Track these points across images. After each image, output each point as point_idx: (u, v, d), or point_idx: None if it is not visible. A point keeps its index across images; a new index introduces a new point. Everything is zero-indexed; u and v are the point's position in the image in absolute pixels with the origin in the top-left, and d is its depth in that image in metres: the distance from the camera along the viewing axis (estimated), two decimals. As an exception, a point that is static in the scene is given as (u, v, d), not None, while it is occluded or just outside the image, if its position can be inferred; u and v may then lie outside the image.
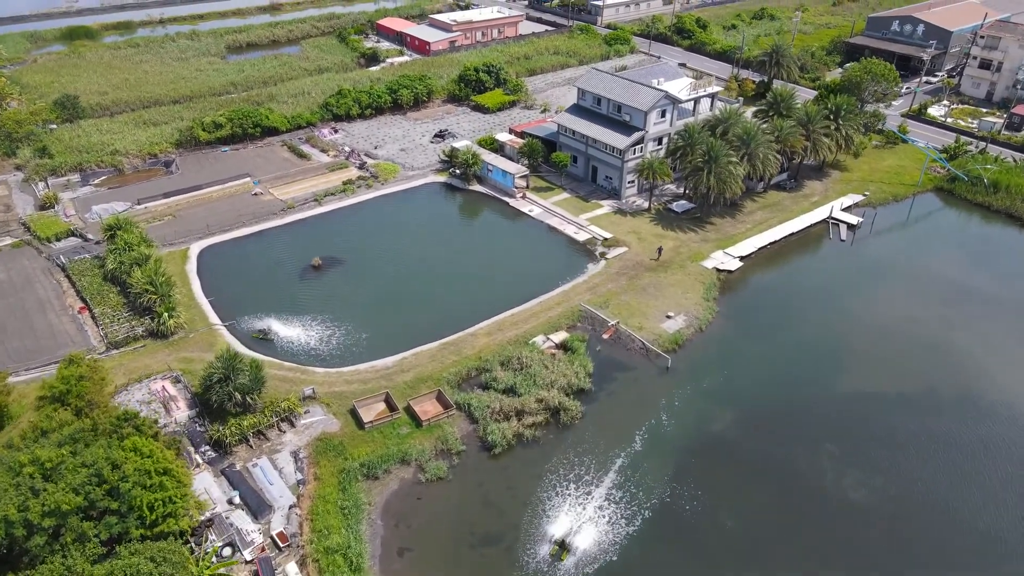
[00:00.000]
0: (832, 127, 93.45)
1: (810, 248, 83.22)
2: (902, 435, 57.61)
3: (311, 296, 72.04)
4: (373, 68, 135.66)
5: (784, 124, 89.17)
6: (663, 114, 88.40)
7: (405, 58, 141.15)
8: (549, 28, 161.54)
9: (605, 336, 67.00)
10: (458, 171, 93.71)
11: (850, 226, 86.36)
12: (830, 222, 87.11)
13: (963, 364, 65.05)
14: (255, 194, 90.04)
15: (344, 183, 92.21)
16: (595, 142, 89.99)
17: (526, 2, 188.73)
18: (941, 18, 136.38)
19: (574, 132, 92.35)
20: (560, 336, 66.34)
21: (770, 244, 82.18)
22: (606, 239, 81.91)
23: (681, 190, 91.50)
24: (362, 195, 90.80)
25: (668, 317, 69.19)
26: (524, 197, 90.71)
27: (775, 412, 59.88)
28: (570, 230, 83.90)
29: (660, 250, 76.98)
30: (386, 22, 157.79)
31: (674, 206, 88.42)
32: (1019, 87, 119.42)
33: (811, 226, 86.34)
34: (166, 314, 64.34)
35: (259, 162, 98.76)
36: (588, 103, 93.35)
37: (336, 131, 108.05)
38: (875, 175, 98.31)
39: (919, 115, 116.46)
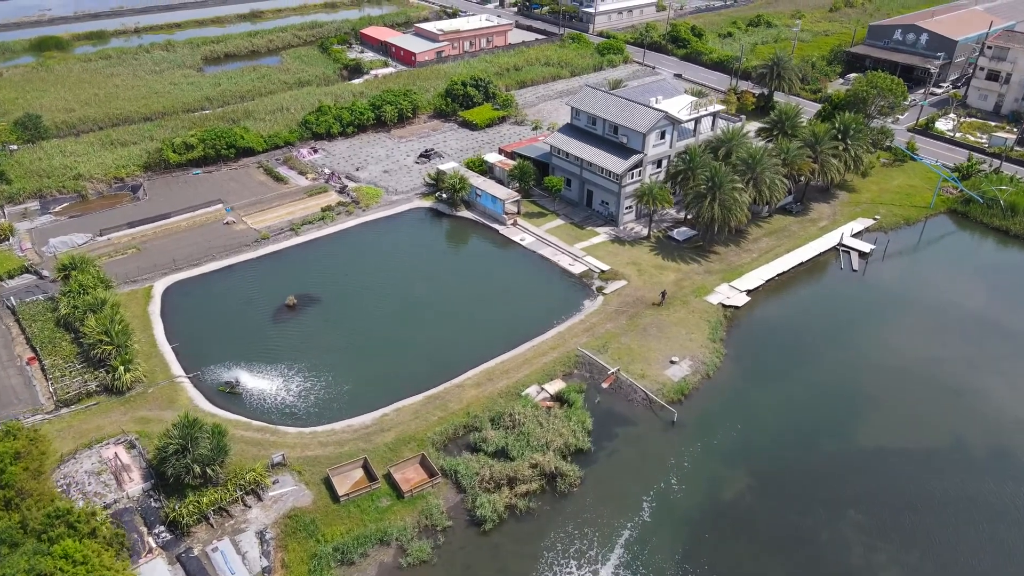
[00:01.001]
0: (840, 147, 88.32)
1: (820, 279, 77.99)
2: (935, 499, 52.36)
3: (284, 341, 66.22)
4: (356, 81, 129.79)
5: (790, 146, 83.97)
6: (662, 135, 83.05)
7: (390, 69, 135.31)
8: (540, 37, 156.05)
9: (605, 385, 61.50)
10: (444, 195, 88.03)
11: (862, 254, 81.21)
12: (840, 250, 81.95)
13: (994, 413, 59.92)
14: (227, 223, 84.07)
15: (323, 210, 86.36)
16: (590, 165, 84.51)
17: (515, 8, 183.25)
18: (945, 27, 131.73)
19: (567, 154, 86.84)
20: (556, 386, 60.80)
21: (778, 275, 76.93)
22: (603, 272, 76.46)
23: (682, 215, 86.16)
24: (342, 222, 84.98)
25: (672, 362, 63.75)
26: (515, 224, 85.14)
27: (792, 472, 54.53)
28: (565, 261, 78.38)
29: (664, 294, 70.95)
30: (370, 31, 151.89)
31: (675, 234, 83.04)
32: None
33: (820, 254, 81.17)
34: (122, 368, 58.36)
35: (233, 186, 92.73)
36: (582, 123, 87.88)
37: (316, 151, 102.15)
38: (884, 196, 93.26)
39: (926, 130, 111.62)
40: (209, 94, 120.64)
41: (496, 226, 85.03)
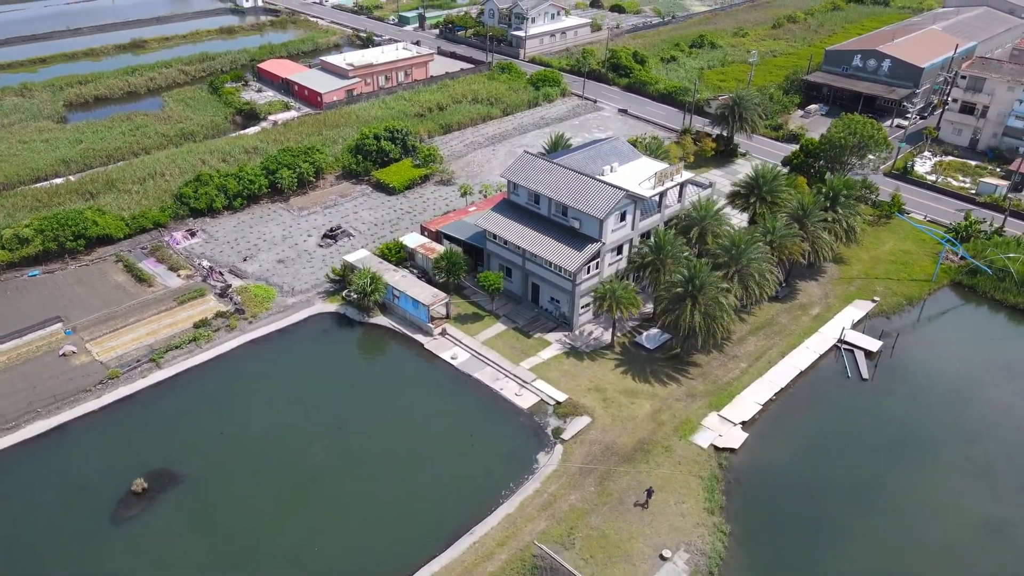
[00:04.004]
0: (830, 217, 73.99)
1: (825, 396, 62.92)
2: None
3: (122, 558, 47.05)
4: (250, 130, 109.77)
5: (776, 224, 69.00)
6: (623, 216, 66.90)
7: (291, 114, 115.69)
8: (465, 66, 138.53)
9: (576, 606, 44.78)
10: (354, 295, 69.79)
11: (868, 353, 66.85)
12: (842, 349, 67.40)
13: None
14: (64, 353, 63.90)
15: (197, 325, 67.03)
16: (535, 257, 67.70)
17: (437, 31, 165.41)
18: (908, 52, 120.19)
19: (506, 242, 69.80)
20: (509, 615, 43.75)
21: (775, 395, 61.68)
22: (559, 404, 59.72)
23: (649, 307, 70.30)
24: (221, 343, 65.90)
25: (663, 558, 47.39)
26: (444, 334, 67.65)
27: None
28: (509, 390, 61.31)
29: (649, 494, 50.94)
30: (269, 65, 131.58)
31: (644, 340, 66.94)
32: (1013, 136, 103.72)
33: (820, 357, 66.46)
34: None
35: (79, 293, 72.27)
36: (522, 199, 71.01)
37: (193, 234, 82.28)
38: (878, 267, 79.49)
39: (904, 174, 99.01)
40: (67, 155, 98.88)
41: (419, 337, 67.36)
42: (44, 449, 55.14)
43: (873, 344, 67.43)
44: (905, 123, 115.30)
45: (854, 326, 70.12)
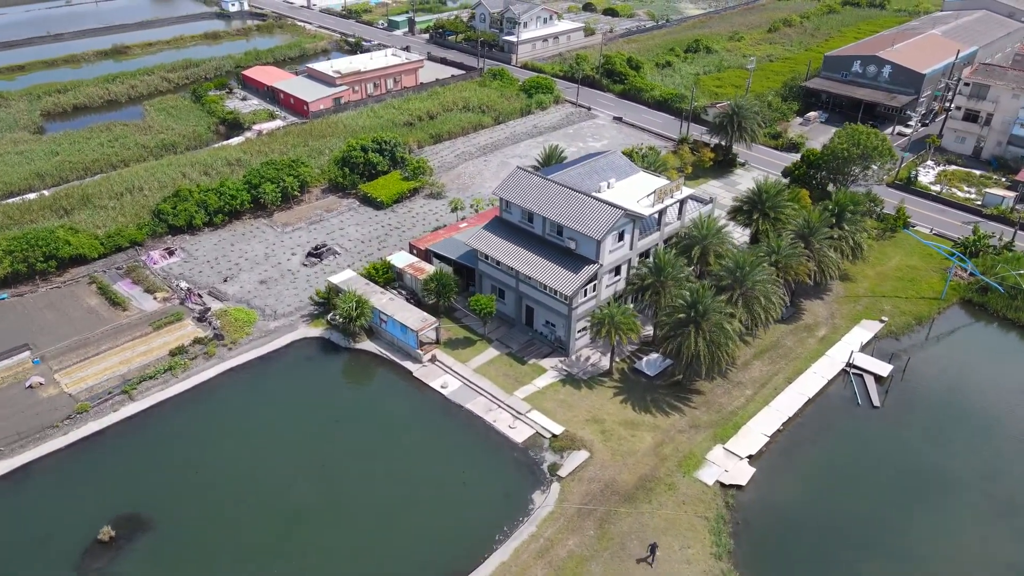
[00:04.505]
0: (836, 234, 71.02)
1: (835, 425, 59.79)
2: None
3: (87, 619, 43.75)
4: (234, 140, 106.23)
5: (781, 243, 65.94)
6: (621, 236, 63.72)
7: (276, 123, 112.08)
8: (456, 73, 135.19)
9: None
10: (339, 318, 66.35)
11: (878, 378, 63.88)
12: (851, 373, 64.40)
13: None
14: (31, 385, 60.28)
15: (173, 353, 63.53)
16: (529, 279, 64.44)
17: (427, 36, 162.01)
18: (909, 58, 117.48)
19: (498, 262, 66.51)
20: None
21: (783, 426, 58.60)
22: (556, 437, 56.50)
23: (649, 328, 67.20)
24: (199, 372, 62.41)
25: (669, 611, 44.29)
26: (434, 360, 64.33)
27: None
28: (502, 422, 58.04)
29: (654, 551, 47.08)
30: (254, 73, 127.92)
31: (644, 366, 63.76)
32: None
33: (829, 383, 63.44)
34: None
35: (49, 319, 68.59)
36: (515, 217, 67.76)
37: (171, 252, 78.70)
38: (885, 284, 76.59)
39: (907, 184, 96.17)
40: (42, 168, 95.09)
41: (408, 364, 64.01)
42: (4, 494, 51.50)
43: (883, 368, 64.45)
44: (907, 131, 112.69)
45: (862, 348, 67.15)
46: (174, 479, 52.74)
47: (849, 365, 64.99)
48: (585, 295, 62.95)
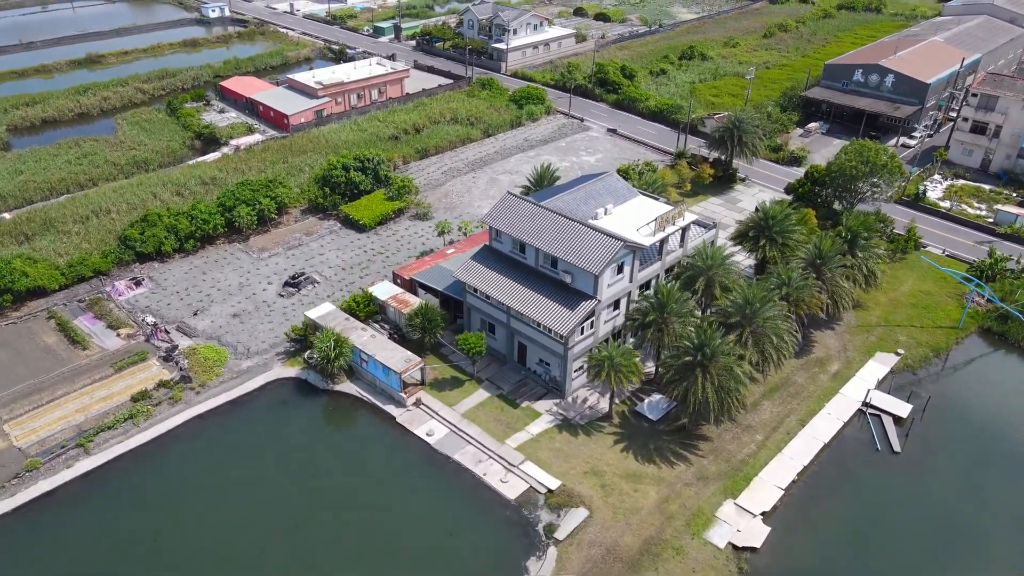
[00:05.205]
0: (849, 262, 66.60)
1: (853, 476, 55.12)
2: None
3: None
4: (210, 157, 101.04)
5: (792, 275, 61.40)
6: (620, 268, 59.05)
7: (255, 137, 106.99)
8: (443, 82, 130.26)
9: None
10: (316, 356, 61.33)
11: (897, 419, 59.46)
12: (868, 414, 59.94)
13: None
14: (-23, 438, 55.14)
15: (135, 398, 58.43)
16: (521, 315, 59.64)
17: (414, 43, 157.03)
18: (912, 66, 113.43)
19: (488, 296, 61.70)
20: None
21: (798, 476, 54.07)
22: (552, 492, 51.75)
23: (651, 364, 62.60)
24: (163, 419, 57.35)
25: None
26: (418, 404, 59.46)
27: None
28: (493, 474, 53.24)
29: None
30: (233, 83, 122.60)
31: (645, 408, 59.08)
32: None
33: (844, 425, 58.97)
34: None
35: (1, 359, 63.25)
36: (506, 247, 62.98)
37: (138, 283, 73.47)
38: (898, 312, 72.24)
39: (916, 201, 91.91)
40: (4, 188, 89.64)
41: (391, 408, 59.12)
42: (-60, 568, 46.43)
43: (902, 408, 60.04)
44: (912, 142, 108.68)
45: (879, 385, 62.74)
46: (132, 545, 47.68)
47: (865, 404, 60.54)
48: (582, 333, 58.22)
